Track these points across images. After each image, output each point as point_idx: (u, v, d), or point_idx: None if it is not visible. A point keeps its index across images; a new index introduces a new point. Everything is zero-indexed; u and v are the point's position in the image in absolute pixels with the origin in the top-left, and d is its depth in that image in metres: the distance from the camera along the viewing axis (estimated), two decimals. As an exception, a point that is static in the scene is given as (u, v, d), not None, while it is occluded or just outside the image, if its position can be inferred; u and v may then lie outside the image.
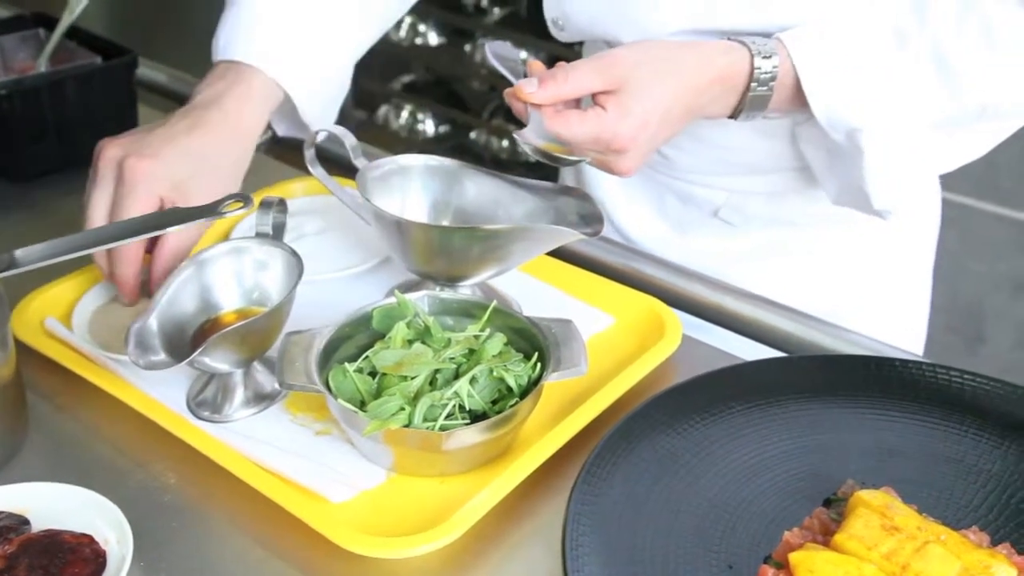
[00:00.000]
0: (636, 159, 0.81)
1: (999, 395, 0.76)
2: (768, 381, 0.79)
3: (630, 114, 0.79)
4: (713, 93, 0.83)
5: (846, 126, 0.84)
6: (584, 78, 0.79)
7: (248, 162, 0.93)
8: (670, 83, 0.80)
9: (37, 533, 0.66)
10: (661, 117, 0.80)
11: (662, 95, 0.80)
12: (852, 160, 0.86)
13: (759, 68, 0.82)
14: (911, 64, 0.82)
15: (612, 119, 0.79)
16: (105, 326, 0.88)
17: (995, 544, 0.66)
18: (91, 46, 1.23)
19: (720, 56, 0.82)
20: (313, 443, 0.77)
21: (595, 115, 0.79)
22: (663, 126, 0.81)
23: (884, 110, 0.83)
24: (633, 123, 0.79)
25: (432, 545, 0.67)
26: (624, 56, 0.81)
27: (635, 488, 0.70)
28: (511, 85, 0.82)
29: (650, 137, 0.81)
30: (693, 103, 0.82)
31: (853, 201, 0.90)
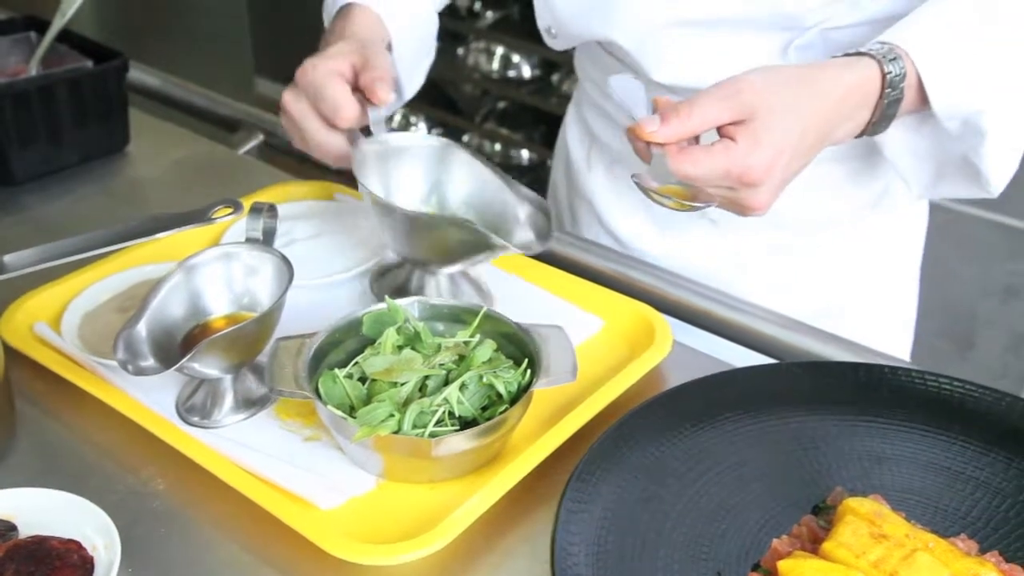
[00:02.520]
0: (771, 193, 0.76)
1: (988, 402, 0.77)
2: (758, 388, 0.79)
3: (762, 144, 0.74)
4: (847, 110, 0.79)
5: (966, 112, 0.81)
6: (710, 110, 0.74)
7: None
8: (803, 106, 0.76)
9: (24, 539, 0.66)
10: (796, 144, 0.76)
11: (796, 120, 0.76)
12: (964, 144, 0.83)
13: (891, 72, 0.78)
14: (1009, 32, 0.81)
15: (743, 151, 0.74)
16: (94, 331, 0.87)
17: (983, 552, 0.66)
18: (82, 50, 1.23)
19: (847, 71, 0.79)
20: (302, 449, 0.77)
21: (724, 148, 0.74)
22: (797, 154, 0.77)
23: (999, 85, 0.81)
24: (767, 154, 0.74)
25: (421, 552, 0.67)
26: (751, 82, 0.76)
27: (624, 495, 0.70)
28: (632, 120, 0.78)
29: (784, 166, 0.76)
30: (827, 124, 0.79)
31: (954, 188, 0.88)
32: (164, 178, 1.16)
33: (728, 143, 0.74)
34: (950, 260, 2.05)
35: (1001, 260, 2.04)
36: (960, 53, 0.81)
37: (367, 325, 0.79)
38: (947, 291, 2.09)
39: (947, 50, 0.80)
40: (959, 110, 0.81)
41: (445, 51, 3.17)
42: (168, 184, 1.16)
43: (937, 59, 0.80)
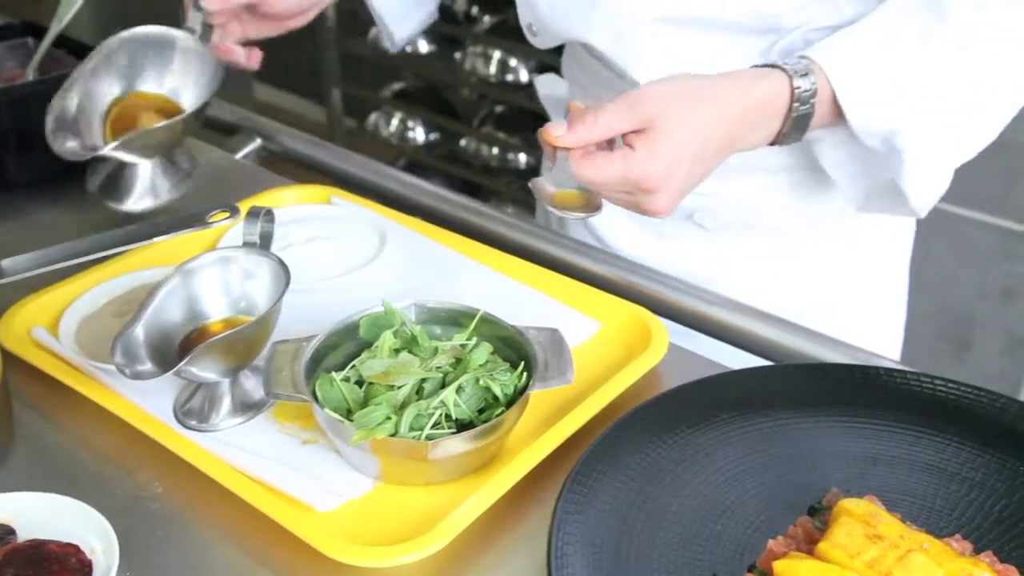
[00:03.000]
0: (669, 199, 0.78)
1: (982, 404, 0.77)
2: (753, 390, 0.79)
3: (659, 153, 0.76)
4: (753, 121, 0.81)
5: (883, 131, 0.84)
6: (613, 119, 0.76)
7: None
8: (704, 117, 0.78)
9: (23, 543, 0.66)
10: (695, 153, 0.77)
11: (695, 130, 0.77)
12: (888, 163, 0.85)
13: (799, 87, 0.80)
14: (938, 57, 0.82)
15: (641, 158, 0.75)
16: (92, 336, 0.88)
17: (978, 552, 0.66)
18: (79, 55, 1.23)
19: (757, 82, 0.81)
20: (300, 452, 0.77)
21: (623, 156, 0.76)
22: (698, 162, 0.78)
23: (918, 108, 0.83)
24: (664, 162, 0.76)
25: (418, 554, 0.67)
26: (652, 92, 0.78)
27: (620, 497, 0.70)
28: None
29: (684, 175, 0.77)
30: (732, 135, 0.80)
31: (883, 206, 0.90)
32: (162, 183, 1.16)
33: (627, 151, 0.76)
34: (947, 262, 2.05)
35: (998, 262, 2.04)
36: (878, 71, 0.82)
37: (364, 328, 0.80)
38: (944, 293, 2.09)
39: (864, 68, 0.82)
40: (876, 128, 0.83)
41: (442, 55, 3.17)
42: (166, 189, 1.16)
43: (852, 76, 0.82)
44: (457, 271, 0.98)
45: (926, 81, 0.83)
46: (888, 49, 0.83)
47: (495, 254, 1.00)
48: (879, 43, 0.83)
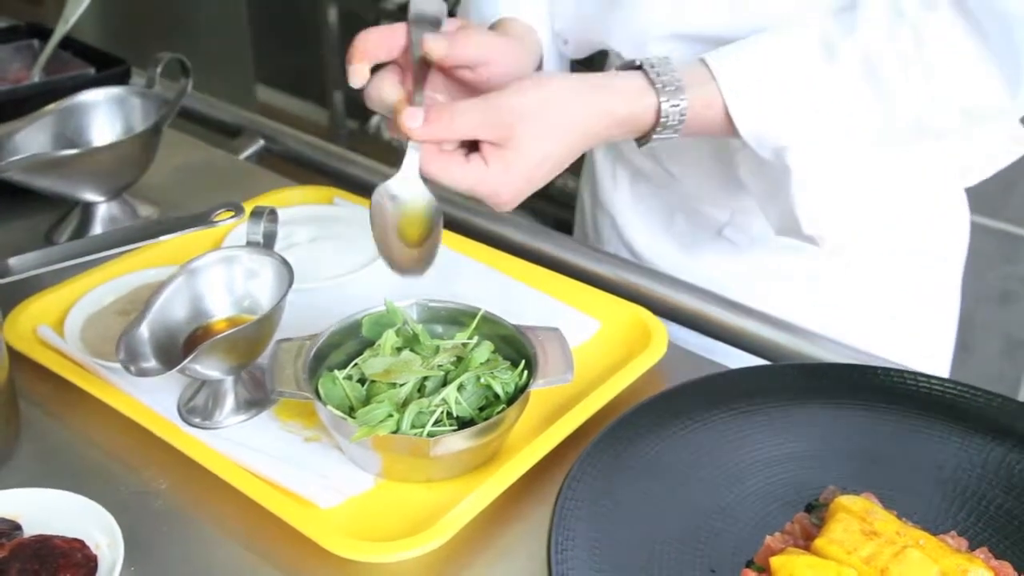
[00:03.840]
0: (516, 202, 0.78)
1: (978, 403, 0.78)
2: (751, 389, 0.80)
3: (512, 171, 0.75)
4: (613, 135, 0.81)
5: (773, 144, 0.81)
6: (470, 123, 0.74)
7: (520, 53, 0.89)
8: (561, 136, 0.77)
9: (29, 538, 0.67)
10: (548, 170, 0.78)
11: (551, 150, 0.77)
12: (782, 181, 0.83)
13: (666, 117, 0.79)
14: (840, 76, 0.80)
15: (494, 174, 0.75)
16: (97, 334, 0.88)
17: (973, 548, 0.67)
18: (85, 56, 1.25)
19: (622, 105, 0.79)
20: (302, 449, 0.78)
21: (476, 168, 0.75)
22: (550, 174, 0.78)
23: (813, 126, 0.81)
24: (516, 181, 0.76)
25: (419, 550, 0.68)
26: (514, 105, 0.76)
27: (620, 494, 0.71)
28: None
29: (533, 187, 0.78)
30: (589, 145, 0.80)
31: (792, 229, 0.86)
32: (166, 183, 1.17)
33: (480, 165, 0.75)
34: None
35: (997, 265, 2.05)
36: (772, 82, 0.80)
37: (366, 327, 0.80)
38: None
39: (758, 77, 0.80)
40: (768, 141, 0.81)
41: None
42: (170, 189, 1.17)
43: (744, 85, 0.80)
44: (458, 271, 0.99)
45: (824, 98, 0.80)
46: (786, 57, 0.81)
47: (496, 254, 1.01)
48: (777, 49, 0.81)
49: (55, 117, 1.06)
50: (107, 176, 1.05)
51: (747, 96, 0.80)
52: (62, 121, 1.07)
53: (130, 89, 1.11)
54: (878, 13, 0.79)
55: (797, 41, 0.81)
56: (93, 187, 1.05)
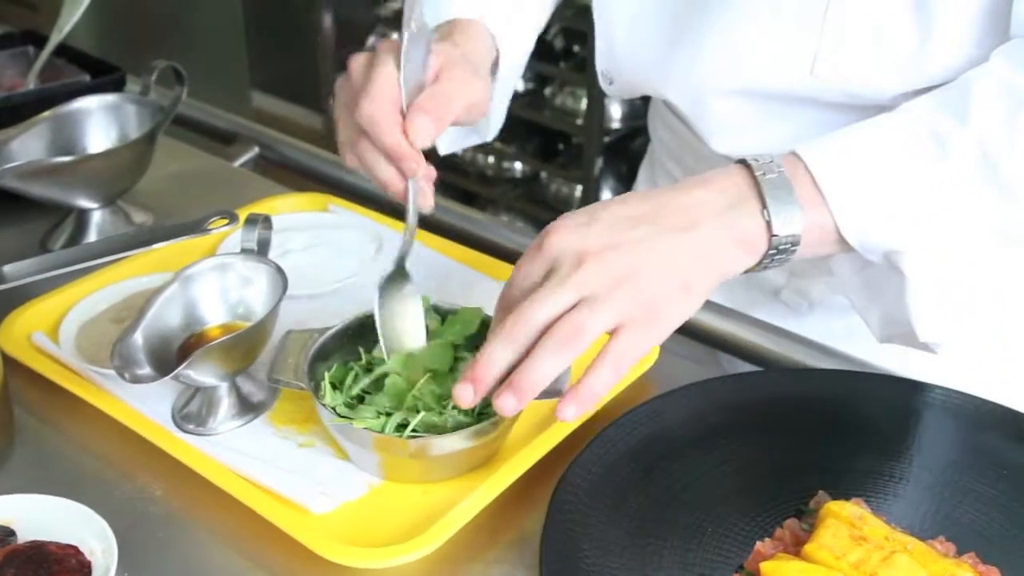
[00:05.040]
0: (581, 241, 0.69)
1: (968, 409, 0.78)
2: (742, 395, 0.81)
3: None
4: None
5: (884, 248, 0.73)
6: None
7: (487, 82, 0.84)
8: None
9: (23, 544, 0.67)
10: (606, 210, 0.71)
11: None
12: (893, 286, 0.75)
13: (775, 247, 0.70)
14: (957, 174, 0.71)
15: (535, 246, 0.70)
16: (92, 341, 0.89)
17: (961, 553, 0.68)
18: (80, 64, 1.25)
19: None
20: (296, 455, 0.78)
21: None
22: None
23: (928, 230, 0.72)
24: (561, 221, 0.71)
25: (413, 555, 0.68)
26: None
27: (611, 500, 0.71)
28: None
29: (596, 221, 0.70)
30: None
31: (902, 336, 0.77)
32: (161, 190, 1.17)
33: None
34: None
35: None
36: (878, 182, 0.72)
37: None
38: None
39: (862, 176, 0.71)
40: (875, 243, 0.73)
41: (439, 65, 3.19)
42: (165, 196, 1.17)
43: (846, 184, 0.71)
44: (453, 278, 0.99)
45: (938, 196, 0.72)
46: (893, 153, 0.72)
47: (491, 262, 1.02)
48: (883, 145, 0.72)
49: (50, 124, 1.07)
50: (102, 183, 1.05)
51: (856, 205, 0.71)
52: (57, 128, 1.07)
53: (125, 96, 1.12)
54: (992, 98, 0.71)
55: (903, 135, 0.72)
56: (88, 194, 1.05)
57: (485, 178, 3.29)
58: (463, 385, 0.65)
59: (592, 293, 0.65)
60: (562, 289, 0.65)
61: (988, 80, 0.72)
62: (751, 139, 0.88)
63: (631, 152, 3.00)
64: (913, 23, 0.77)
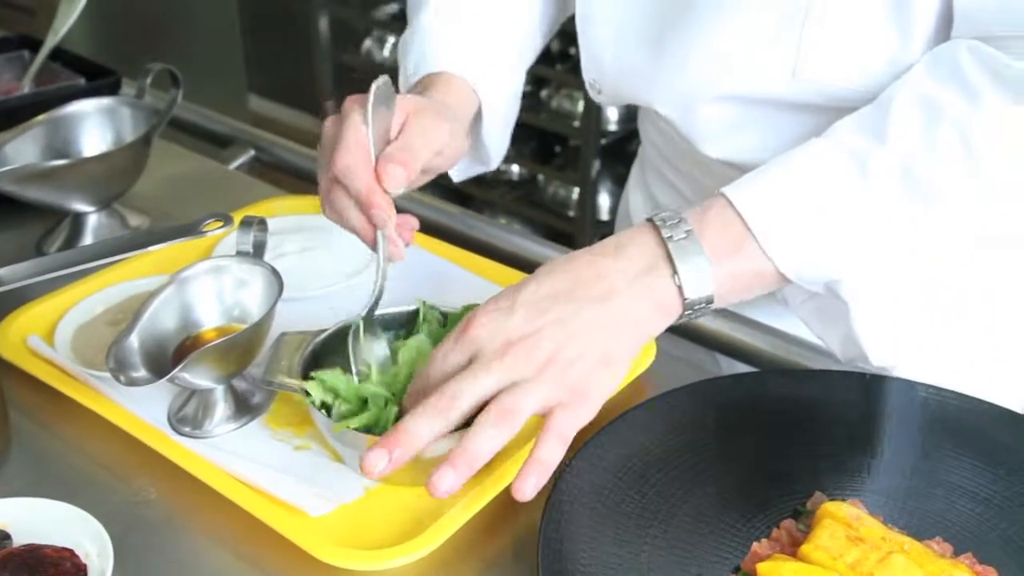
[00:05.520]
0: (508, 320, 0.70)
1: (965, 409, 0.78)
2: (739, 396, 0.81)
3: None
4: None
5: (821, 280, 0.74)
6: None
7: (457, 126, 0.85)
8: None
9: (18, 547, 0.67)
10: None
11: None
12: (840, 313, 0.76)
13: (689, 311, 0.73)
14: (879, 192, 0.72)
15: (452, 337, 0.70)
16: (88, 344, 0.89)
17: (958, 554, 0.68)
18: (75, 67, 1.25)
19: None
20: (292, 458, 0.78)
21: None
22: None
23: (860, 252, 0.73)
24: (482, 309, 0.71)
25: (409, 557, 0.68)
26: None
27: (607, 500, 0.71)
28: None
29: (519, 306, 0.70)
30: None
31: (861, 356, 0.79)
32: (157, 193, 1.17)
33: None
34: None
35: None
36: (804, 211, 0.72)
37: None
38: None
39: (789, 208, 0.72)
40: (813, 277, 0.74)
41: (436, 67, 3.19)
42: (161, 199, 1.17)
43: (772, 220, 0.71)
44: (449, 281, 0.99)
45: (866, 219, 0.72)
46: (816, 180, 0.72)
47: (488, 264, 1.02)
48: (804, 172, 0.73)
49: (45, 128, 1.07)
50: (97, 186, 1.05)
51: (789, 242, 0.72)
52: (52, 132, 1.07)
53: (120, 100, 1.12)
54: (909, 112, 0.72)
55: (826, 162, 0.73)
56: (83, 197, 1.05)
57: (482, 180, 3.29)
58: (377, 452, 0.65)
59: (519, 377, 0.67)
60: (489, 372, 0.67)
61: (906, 93, 0.74)
62: (740, 143, 0.89)
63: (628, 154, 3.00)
64: (892, 25, 0.78)
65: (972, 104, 0.71)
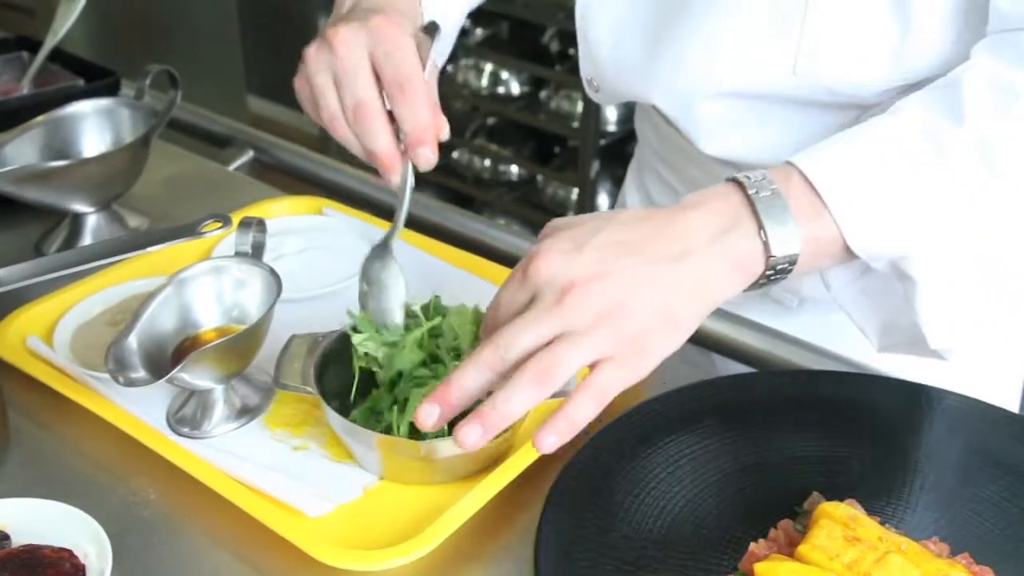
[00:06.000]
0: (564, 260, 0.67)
1: (962, 410, 0.78)
2: (737, 397, 0.81)
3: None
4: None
5: (890, 255, 0.72)
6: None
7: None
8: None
9: (17, 548, 0.67)
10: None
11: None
12: (898, 294, 0.74)
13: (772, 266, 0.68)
14: (957, 173, 0.70)
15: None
16: (86, 344, 0.89)
17: (955, 554, 0.68)
18: (74, 68, 1.25)
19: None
20: (291, 458, 0.78)
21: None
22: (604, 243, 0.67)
23: (933, 230, 0.71)
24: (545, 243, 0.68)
25: (407, 558, 0.68)
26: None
27: (605, 501, 0.71)
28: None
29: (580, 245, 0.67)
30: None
31: (905, 344, 0.77)
32: (156, 194, 1.18)
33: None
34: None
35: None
36: (886, 194, 0.69)
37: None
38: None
39: (863, 179, 0.69)
40: (881, 251, 0.71)
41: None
42: (160, 199, 1.17)
43: (847, 190, 0.69)
44: (448, 282, 0.99)
45: (941, 197, 0.70)
46: (892, 157, 0.70)
47: (487, 265, 1.02)
48: (881, 149, 0.70)
49: (44, 129, 1.07)
50: (96, 187, 1.05)
51: (860, 212, 0.69)
52: (51, 132, 1.07)
53: (119, 100, 1.12)
54: (983, 93, 0.70)
55: (898, 137, 0.71)
56: (82, 198, 1.05)
57: (481, 181, 3.30)
58: (429, 406, 0.63)
59: (574, 327, 0.63)
60: (543, 321, 0.63)
61: (976, 76, 0.72)
62: (740, 139, 0.88)
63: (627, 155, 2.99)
64: (892, 20, 0.78)
65: None
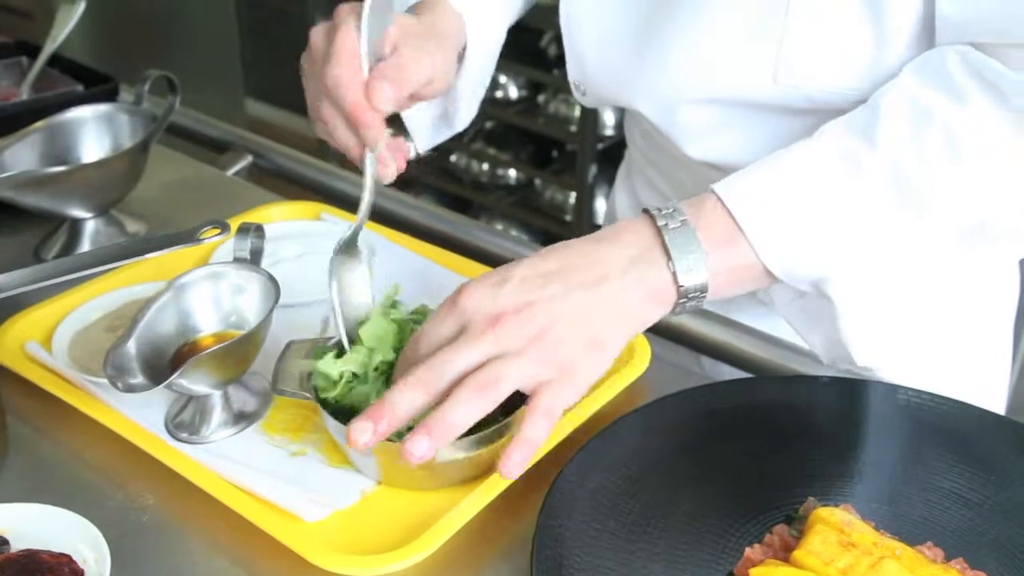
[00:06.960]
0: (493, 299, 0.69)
1: (955, 415, 0.79)
2: (733, 402, 0.81)
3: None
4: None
5: (809, 278, 0.74)
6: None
7: (449, 56, 0.85)
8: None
9: (15, 553, 0.67)
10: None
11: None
12: (826, 312, 0.76)
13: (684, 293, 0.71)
14: (870, 194, 0.72)
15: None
16: (85, 350, 0.89)
17: (949, 559, 0.68)
18: (73, 74, 1.26)
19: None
20: (288, 464, 0.78)
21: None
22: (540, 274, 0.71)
23: (849, 252, 0.73)
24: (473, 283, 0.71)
25: (404, 563, 0.68)
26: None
27: (600, 507, 0.71)
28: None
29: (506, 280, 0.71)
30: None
31: (846, 358, 0.79)
32: (155, 199, 1.18)
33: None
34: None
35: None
36: (795, 209, 0.72)
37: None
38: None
39: (778, 205, 0.72)
40: (801, 274, 0.73)
41: (433, 72, 3.19)
42: (159, 205, 1.17)
43: (762, 216, 0.71)
44: (447, 287, 0.99)
45: (856, 219, 0.72)
46: (807, 179, 0.72)
47: (485, 270, 1.02)
48: (796, 171, 0.73)
49: (43, 134, 1.07)
50: (95, 193, 1.06)
51: (777, 238, 0.72)
52: (50, 138, 1.08)
53: (118, 106, 1.12)
54: (900, 114, 0.72)
55: (817, 162, 0.73)
56: (81, 204, 1.06)
57: (479, 185, 3.30)
58: (363, 422, 0.65)
59: (507, 350, 0.66)
60: (475, 347, 0.66)
61: (896, 98, 0.74)
62: (723, 144, 0.89)
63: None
64: (869, 30, 0.78)
65: (960, 108, 0.71)
